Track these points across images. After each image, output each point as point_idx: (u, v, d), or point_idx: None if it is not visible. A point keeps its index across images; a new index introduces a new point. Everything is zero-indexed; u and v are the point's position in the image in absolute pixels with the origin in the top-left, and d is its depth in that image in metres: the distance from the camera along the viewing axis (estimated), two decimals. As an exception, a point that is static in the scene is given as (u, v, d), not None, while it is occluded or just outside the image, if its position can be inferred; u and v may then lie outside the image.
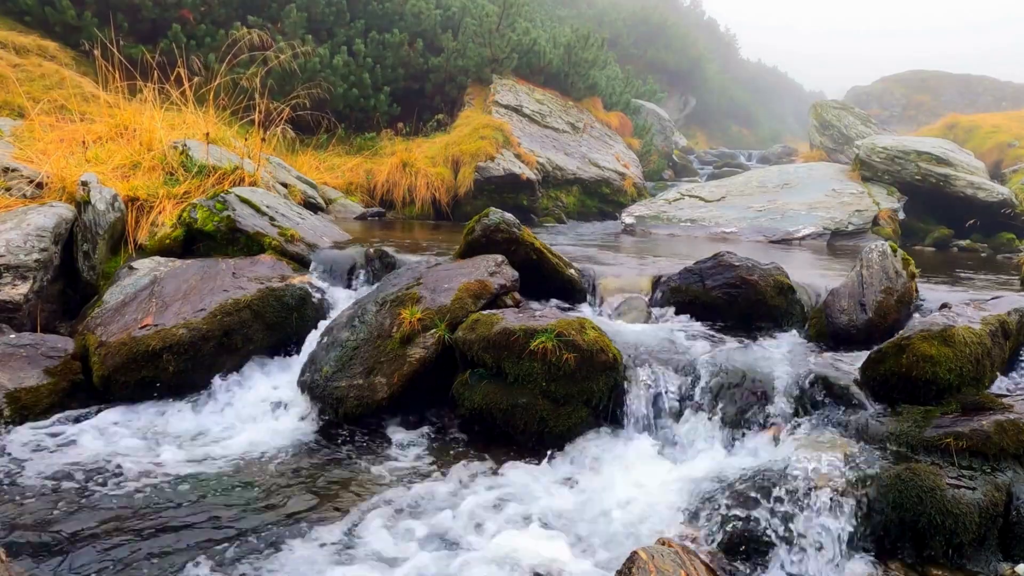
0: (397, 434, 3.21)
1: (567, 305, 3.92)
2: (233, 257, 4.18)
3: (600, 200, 9.28)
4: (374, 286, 3.99)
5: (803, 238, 6.98)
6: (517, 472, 2.89)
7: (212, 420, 3.29)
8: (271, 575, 2.16)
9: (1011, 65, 29.85)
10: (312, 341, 3.65)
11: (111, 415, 3.25)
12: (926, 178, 8.08)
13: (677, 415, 3.01)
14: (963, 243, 7.76)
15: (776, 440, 2.74)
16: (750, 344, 3.39)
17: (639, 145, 11.47)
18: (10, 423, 3.07)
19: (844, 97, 20.21)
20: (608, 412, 3.09)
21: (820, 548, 2.28)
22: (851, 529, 2.31)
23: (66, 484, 2.61)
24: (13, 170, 4.35)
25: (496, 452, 3.06)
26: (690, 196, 8.35)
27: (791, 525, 2.31)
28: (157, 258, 4.18)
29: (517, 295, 3.75)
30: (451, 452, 3.07)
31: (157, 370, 3.36)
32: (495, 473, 2.89)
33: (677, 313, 3.74)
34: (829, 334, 3.39)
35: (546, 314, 3.32)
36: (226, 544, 2.29)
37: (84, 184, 4.23)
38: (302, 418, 3.28)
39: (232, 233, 4.37)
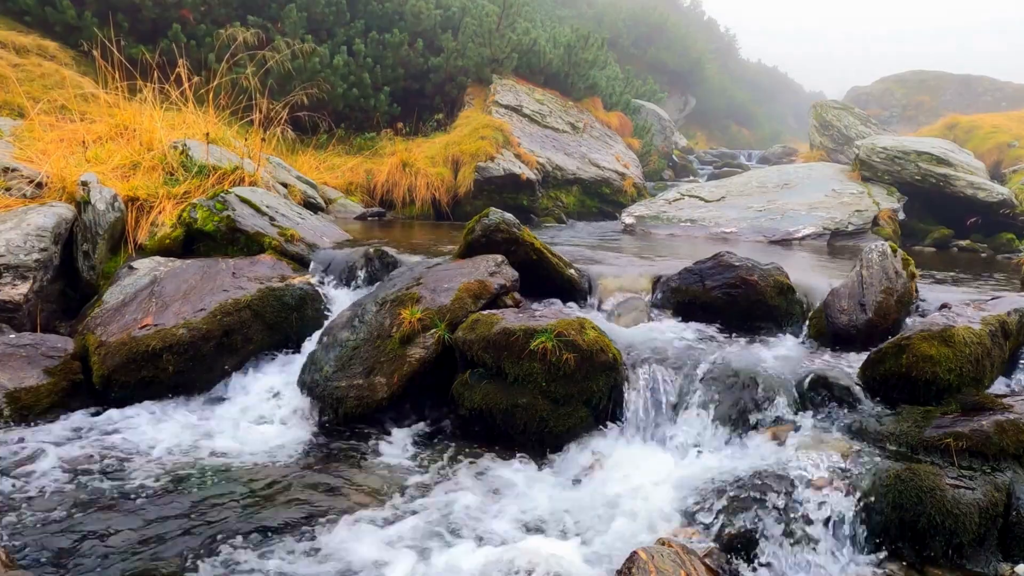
0: (397, 434, 3.21)
1: (567, 305, 3.92)
2: (233, 257, 4.18)
3: (600, 200, 9.28)
4: (374, 286, 3.99)
5: (803, 238, 6.97)
6: (517, 472, 2.89)
7: (212, 420, 3.29)
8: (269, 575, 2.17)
9: (1011, 65, 29.83)
10: (312, 341, 3.65)
11: (111, 415, 3.25)
12: (926, 178, 8.08)
13: (677, 415, 3.01)
14: (963, 243, 7.76)
15: (776, 440, 2.74)
16: (750, 344, 3.39)
17: (639, 145, 11.46)
18: (10, 423, 3.07)
19: (844, 97, 20.18)
20: (608, 412, 3.09)
21: (819, 548, 2.28)
22: (850, 529, 2.31)
23: (66, 485, 2.61)
24: (13, 170, 4.34)
25: (496, 452, 3.06)
26: (690, 196, 8.35)
27: (791, 525, 2.31)
28: (157, 258, 4.18)
29: (517, 295, 3.75)
30: (450, 452, 3.07)
31: (157, 370, 3.36)
32: (494, 473, 2.89)
33: (677, 313, 3.74)
34: (829, 334, 3.39)
35: (546, 314, 3.32)
36: (225, 544, 2.29)
37: (84, 184, 4.23)
38: (302, 418, 3.28)
39: (232, 233, 4.37)
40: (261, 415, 3.34)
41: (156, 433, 3.12)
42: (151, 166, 4.96)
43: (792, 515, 2.33)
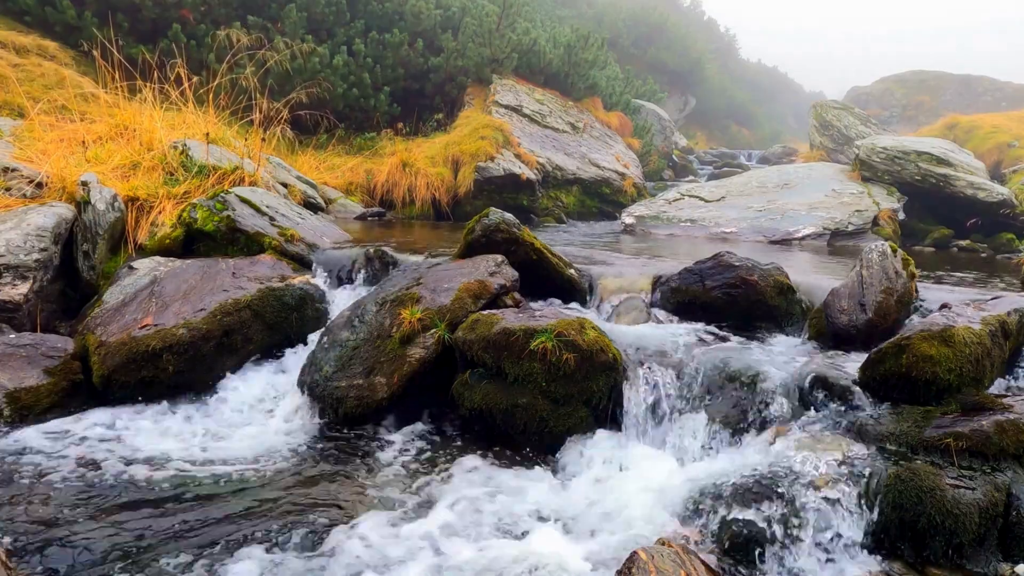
0: (397, 434, 3.21)
1: (567, 305, 3.92)
2: (233, 257, 4.18)
3: (600, 200, 9.28)
4: (374, 286, 3.99)
5: (803, 238, 6.97)
6: (517, 472, 2.89)
7: (212, 420, 3.29)
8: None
9: (1011, 65, 29.84)
10: (312, 341, 3.65)
11: (111, 415, 3.25)
12: (926, 178, 8.08)
13: (677, 415, 3.01)
14: (963, 243, 7.76)
15: (776, 440, 2.74)
16: (750, 344, 3.39)
17: (639, 145, 11.46)
18: (10, 423, 3.07)
19: (844, 97, 20.18)
20: (608, 412, 3.09)
21: (819, 548, 2.28)
22: (850, 529, 2.31)
23: (66, 484, 2.61)
24: (13, 170, 4.34)
25: (496, 452, 3.06)
26: (690, 196, 8.35)
27: (790, 525, 2.31)
28: (157, 258, 4.18)
29: (517, 295, 3.75)
30: (451, 452, 3.07)
31: (157, 370, 3.36)
32: (494, 473, 2.89)
33: (677, 313, 3.74)
34: (829, 334, 3.39)
35: (546, 314, 3.32)
36: (224, 546, 2.29)
37: (84, 184, 4.23)
38: (302, 418, 3.28)
39: (232, 233, 4.37)
40: (261, 415, 3.34)
41: (156, 434, 3.12)
42: (151, 166, 4.97)
43: (792, 515, 2.33)
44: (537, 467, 2.93)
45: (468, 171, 7.83)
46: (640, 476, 2.74)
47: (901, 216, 8.10)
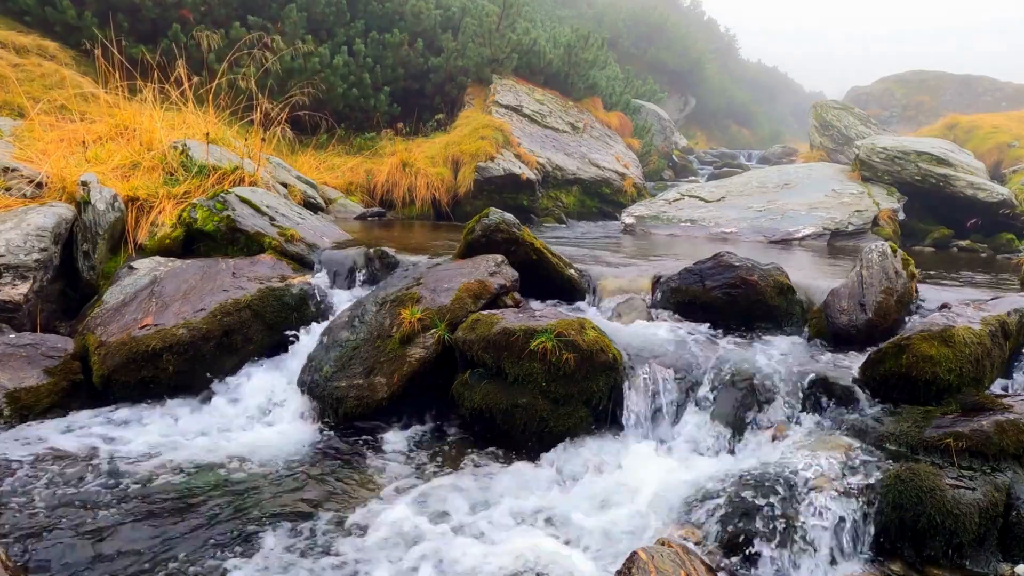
0: (397, 434, 3.21)
1: (567, 305, 3.92)
2: (233, 257, 4.18)
3: (600, 200, 9.28)
4: (374, 286, 3.99)
5: (803, 238, 6.97)
6: (517, 472, 2.89)
7: (212, 420, 3.28)
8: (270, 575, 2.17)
9: (1011, 65, 29.85)
10: (312, 341, 3.65)
11: (111, 415, 3.25)
12: (926, 178, 8.09)
13: (677, 415, 3.01)
14: (963, 243, 7.76)
15: (776, 440, 2.74)
16: (750, 344, 3.39)
17: (639, 145, 11.46)
18: (10, 423, 3.07)
19: (844, 97, 20.17)
20: (608, 412, 3.09)
21: (819, 548, 2.28)
22: (850, 529, 2.31)
23: (65, 484, 2.61)
24: (13, 170, 4.34)
25: (496, 452, 3.06)
26: (690, 196, 8.35)
27: (790, 525, 2.31)
28: (157, 258, 4.18)
29: (517, 295, 3.75)
30: (451, 452, 3.07)
31: (157, 370, 3.36)
32: (494, 473, 2.89)
33: (677, 313, 3.74)
34: (829, 334, 3.39)
35: (546, 314, 3.32)
36: (225, 546, 2.29)
37: (84, 184, 4.23)
38: (302, 418, 3.28)
39: (232, 233, 4.36)
40: (261, 415, 3.34)
41: (156, 434, 3.12)
42: (151, 166, 4.96)
43: (792, 515, 2.33)
44: (537, 467, 2.93)
45: (468, 171, 7.83)
46: (640, 476, 2.74)
47: (901, 216, 8.10)
